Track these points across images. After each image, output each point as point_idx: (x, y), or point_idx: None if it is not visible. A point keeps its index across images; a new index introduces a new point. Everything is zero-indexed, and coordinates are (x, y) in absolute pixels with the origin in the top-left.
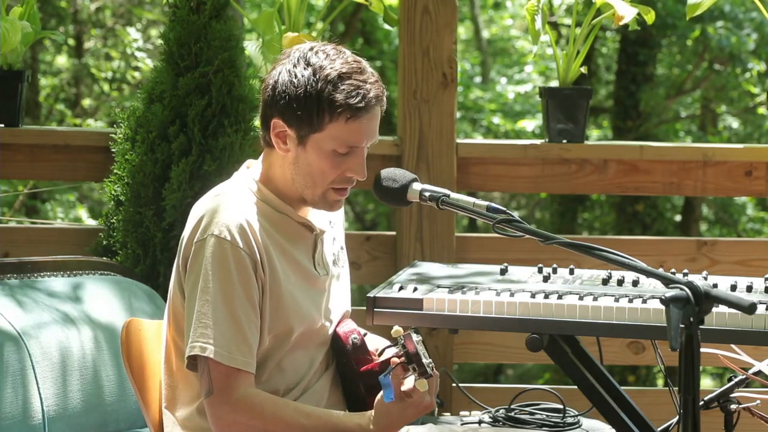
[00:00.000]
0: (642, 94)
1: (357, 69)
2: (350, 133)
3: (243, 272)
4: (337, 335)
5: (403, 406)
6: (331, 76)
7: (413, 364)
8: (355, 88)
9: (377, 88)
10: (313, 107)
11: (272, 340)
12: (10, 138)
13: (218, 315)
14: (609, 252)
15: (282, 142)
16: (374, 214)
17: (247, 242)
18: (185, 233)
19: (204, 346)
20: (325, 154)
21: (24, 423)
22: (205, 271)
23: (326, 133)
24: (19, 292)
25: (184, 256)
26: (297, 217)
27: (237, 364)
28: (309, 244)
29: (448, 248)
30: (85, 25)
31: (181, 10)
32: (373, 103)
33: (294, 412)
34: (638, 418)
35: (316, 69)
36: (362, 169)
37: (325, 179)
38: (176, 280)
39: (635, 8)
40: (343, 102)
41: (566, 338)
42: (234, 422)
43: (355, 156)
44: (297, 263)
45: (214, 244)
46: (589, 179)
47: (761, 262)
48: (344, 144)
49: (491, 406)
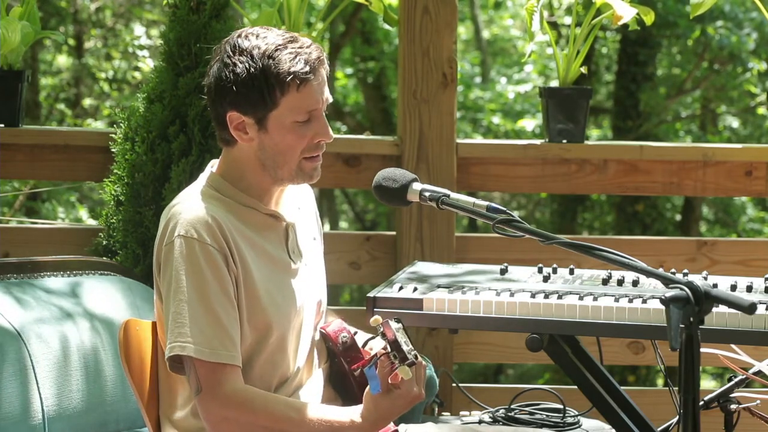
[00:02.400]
0: (642, 94)
1: (290, 38)
2: (305, 99)
3: (214, 267)
4: (326, 335)
5: (391, 397)
6: (269, 51)
7: (393, 351)
8: (296, 55)
9: (316, 49)
10: (262, 86)
11: (254, 332)
12: (10, 138)
13: (195, 313)
14: (609, 252)
15: (243, 133)
16: (374, 214)
17: (215, 238)
18: (156, 239)
19: (183, 345)
20: (288, 127)
21: (24, 423)
22: (177, 272)
23: (283, 108)
24: (19, 292)
25: (157, 261)
26: (264, 209)
27: (221, 359)
28: (280, 234)
29: (448, 248)
30: (85, 25)
31: (181, 10)
32: (317, 65)
33: (285, 406)
34: (638, 418)
35: (251, 50)
36: (327, 130)
37: (295, 151)
38: (156, 287)
39: (635, 8)
40: (288, 71)
41: (566, 338)
42: (225, 418)
43: (317, 119)
44: (268, 254)
45: (182, 244)
46: (589, 179)
47: (761, 262)
48: (303, 111)
49: (491, 406)
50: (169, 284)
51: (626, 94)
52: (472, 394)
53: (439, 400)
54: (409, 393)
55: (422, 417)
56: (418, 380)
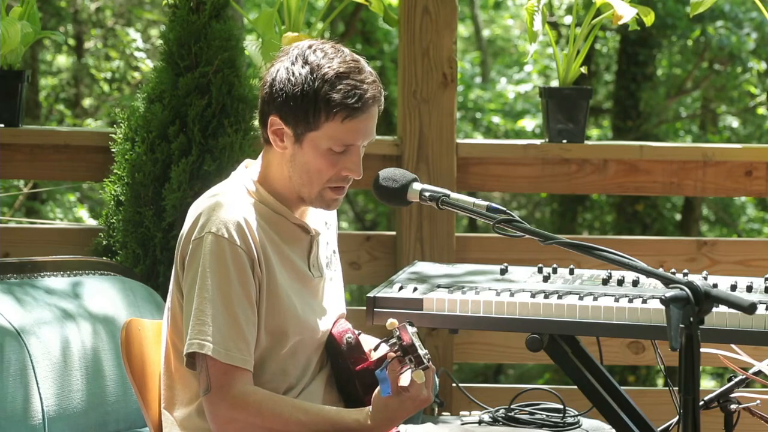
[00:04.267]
0: (642, 94)
1: (355, 68)
2: (346, 133)
3: (240, 270)
4: (331, 335)
5: (401, 400)
6: (329, 75)
7: (409, 355)
8: (352, 88)
9: (374, 88)
10: (310, 106)
11: (269, 338)
12: (10, 138)
13: (216, 312)
14: (609, 252)
15: (279, 140)
16: (374, 214)
17: (245, 240)
18: (183, 232)
19: (202, 343)
20: (322, 152)
21: (24, 423)
22: (203, 269)
23: (322, 132)
24: (19, 292)
25: (182, 255)
26: (293, 219)
27: (235, 361)
28: (304, 246)
29: (448, 248)
30: (85, 25)
31: (181, 10)
32: (370, 104)
33: (292, 408)
34: (638, 418)
35: (314, 68)
36: (358, 168)
37: (322, 177)
38: (175, 280)
39: (635, 8)
40: (340, 102)
41: (566, 338)
42: (232, 419)
43: (351, 154)
44: (292, 264)
45: (212, 241)
46: (589, 179)
47: (761, 262)
48: (340, 143)
49: (491, 406)
50: (194, 279)
51: (626, 94)
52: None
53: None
54: (419, 396)
55: (422, 417)
56: (428, 384)
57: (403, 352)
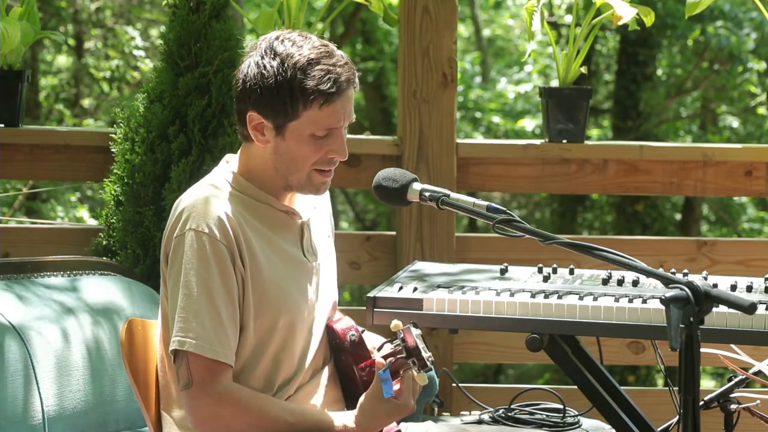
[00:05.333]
0: (642, 94)
1: (325, 53)
2: (326, 117)
3: (222, 265)
4: (334, 332)
5: (390, 406)
6: (300, 63)
7: (413, 357)
8: (326, 73)
9: (348, 70)
10: (286, 97)
11: (257, 333)
12: (10, 138)
13: (199, 307)
14: (609, 252)
15: (260, 134)
16: (374, 214)
17: (225, 234)
18: (166, 230)
19: (183, 340)
20: (305, 139)
21: (24, 423)
22: (185, 266)
23: (303, 120)
24: (19, 291)
25: (165, 252)
26: (279, 206)
27: (218, 356)
28: (295, 232)
29: (448, 248)
30: (85, 25)
31: (181, 10)
32: (345, 87)
33: (279, 408)
34: (638, 418)
35: (284, 57)
36: (343, 149)
37: (307, 162)
38: (162, 278)
39: (635, 8)
40: (315, 88)
41: (566, 338)
42: (215, 415)
43: (335, 137)
44: (284, 251)
45: (193, 237)
46: (589, 179)
47: (761, 262)
48: (322, 128)
49: (491, 406)
50: (177, 276)
51: (626, 94)
52: (472, 394)
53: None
54: (407, 405)
55: (422, 417)
56: (414, 393)
57: (407, 355)
